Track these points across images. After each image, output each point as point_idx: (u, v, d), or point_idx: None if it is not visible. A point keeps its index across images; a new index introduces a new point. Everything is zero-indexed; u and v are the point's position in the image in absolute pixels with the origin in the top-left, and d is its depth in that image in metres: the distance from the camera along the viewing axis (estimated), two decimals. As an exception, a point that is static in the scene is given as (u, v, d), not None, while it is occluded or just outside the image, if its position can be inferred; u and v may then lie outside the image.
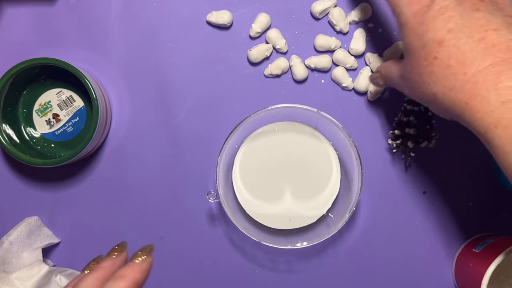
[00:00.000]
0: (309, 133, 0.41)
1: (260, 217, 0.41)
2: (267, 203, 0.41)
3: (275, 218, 0.41)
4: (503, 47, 0.27)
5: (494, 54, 0.27)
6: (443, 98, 0.29)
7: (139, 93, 0.44)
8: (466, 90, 0.28)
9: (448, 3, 0.29)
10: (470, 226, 0.44)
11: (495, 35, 0.27)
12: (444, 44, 0.28)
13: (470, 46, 0.28)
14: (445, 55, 0.28)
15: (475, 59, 0.27)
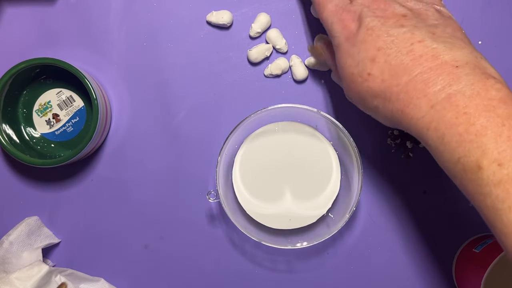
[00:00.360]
0: (309, 133, 0.41)
1: (260, 217, 0.41)
2: (267, 203, 0.41)
3: (275, 218, 0.41)
4: (429, 57, 0.30)
5: (421, 64, 0.29)
6: (383, 109, 0.32)
7: (139, 93, 0.44)
8: (400, 99, 0.30)
9: (373, 24, 0.32)
10: (470, 226, 0.44)
11: (421, 46, 0.30)
12: (376, 61, 0.31)
13: (400, 59, 0.30)
14: (378, 71, 0.31)
15: (405, 70, 0.30)
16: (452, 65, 0.29)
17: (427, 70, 0.29)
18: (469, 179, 0.27)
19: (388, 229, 0.44)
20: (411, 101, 0.30)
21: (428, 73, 0.29)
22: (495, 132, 0.27)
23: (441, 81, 0.29)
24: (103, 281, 0.43)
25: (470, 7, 0.44)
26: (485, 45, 0.44)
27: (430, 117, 0.29)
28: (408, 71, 0.30)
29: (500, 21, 0.44)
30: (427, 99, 0.29)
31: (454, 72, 0.29)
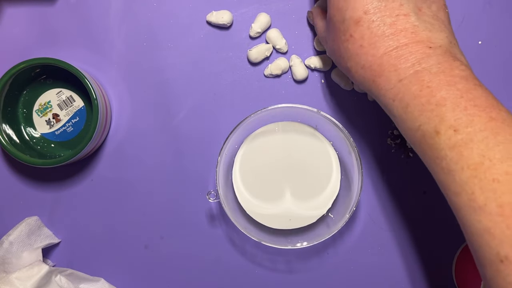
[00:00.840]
0: (309, 133, 0.41)
1: (260, 217, 0.41)
2: (267, 203, 0.41)
3: (275, 218, 0.41)
4: (408, 33, 0.31)
5: (399, 39, 0.31)
6: (355, 73, 0.33)
7: (139, 93, 0.44)
8: (373, 69, 0.32)
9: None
10: (470, 226, 0.44)
11: (404, 20, 0.31)
12: (360, 24, 0.32)
13: (382, 30, 0.31)
14: (359, 35, 0.32)
15: (383, 42, 0.31)
16: (426, 45, 0.31)
17: (403, 46, 0.31)
18: (427, 144, 0.30)
19: (388, 229, 0.44)
20: (383, 74, 0.32)
21: (403, 49, 0.31)
22: (453, 103, 0.29)
23: (412, 59, 0.31)
24: (103, 281, 0.43)
25: (470, 7, 0.44)
26: (485, 45, 0.44)
27: (397, 90, 0.31)
28: (386, 44, 0.31)
29: (500, 21, 0.44)
30: (397, 73, 0.31)
31: (426, 52, 0.31)
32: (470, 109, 0.29)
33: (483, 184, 0.27)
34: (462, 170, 0.28)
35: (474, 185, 0.27)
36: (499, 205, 0.26)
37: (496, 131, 0.28)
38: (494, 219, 0.26)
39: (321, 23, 0.39)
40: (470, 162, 0.27)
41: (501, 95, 0.44)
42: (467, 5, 0.44)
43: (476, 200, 0.27)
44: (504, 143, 0.27)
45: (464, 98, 0.29)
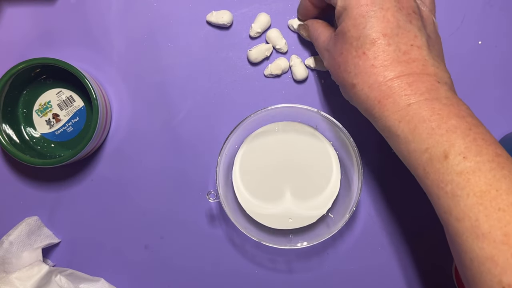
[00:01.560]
0: (309, 133, 0.41)
1: (260, 217, 0.41)
2: (267, 203, 0.41)
3: (275, 218, 0.41)
4: (420, 64, 0.32)
5: (411, 68, 0.32)
6: (360, 90, 0.33)
7: (139, 93, 0.44)
8: (381, 90, 0.32)
9: (390, 6, 0.32)
10: (470, 226, 0.44)
11: (418, 52, 0.32)
12: (376, 45, 0.32)
13: (397, 55, 0.32)
14: (373, 54, 0.32)
15: (396, 67, 0.32)
16: (435, 80, 0.32)
17: (414, 75, 0.32)
18: (434, 167, 0.30)
19: (388, 229, 0.44)
20: (391, 96, 0.32)
21: (414, 77, 0.32)
22: (463, 132, 0.30)
23: (423, 88, 0.32)
24: (103, 281, 0.43)
25: (470, 7, 0.44)
26: (485, 45, 0.44)
27: (405, 112, 0.31)
28: (399, 69, 0.32)
29: (500, 21, 0.44)
30: (407, 98, 0.31)
31: (435, 85, 0.32)
32: (479, 141, 0.30)
33: (489, 212, 0.27)
34: (468, 197, 0.28)
35: (479, 212, 0.28)
36: (504, 234, 0.27)
37: (502, 165, 0.29)
38: (498, 247, 0.27)
39: (326, 34, 0.38)
40: (476, 190, 0.28)
41: (501, 95, 0.44)
42: (467, 5, 0.44)
43: (480, 227, 0.28)
44: (510, 177, 0.28)
45: (472, 130, 0.30)
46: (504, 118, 0.44)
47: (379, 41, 0.32)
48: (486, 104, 0.44)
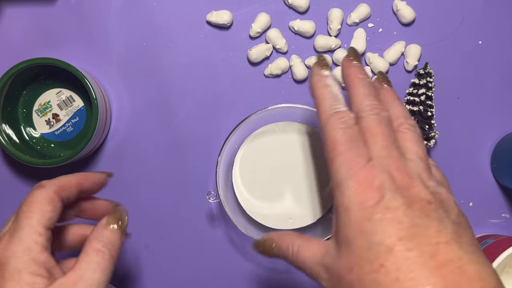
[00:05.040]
0: (309, 133, 0.41)
1: (260, 217, 0.41)
2: (267, 203, 0.41)
3: (275, 218, 0.41)
4: (454, 267, 0.25)
5: (445, 276, 0.25)
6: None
7: (139, 93, 0.44)
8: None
9: (398, 204, 0.27)
10: (470, 226, 0.44)
11: (447, 250, 0.26)
12: (394, 253, 0.25)
13: (423, 260, 0.25)
14: (394, 265, 0.25)
15: (427, 278, 0.25)
16: (481, 286, 0.25)
17: (450, 285, 0.25)
18: None
19: (388, 229, 0.44)
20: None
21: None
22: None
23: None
24: (103, 281, 0.43)
25: (470, 7, 0.44)
26: (485, 45, 0.44)
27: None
28: (431, 280, 0.24)
29: (500, 21, 0.44)
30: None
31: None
32: None
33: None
34: None
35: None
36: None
37: None
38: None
39: (312, 247, 0.31)
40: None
41: (501, 95, 0.44)
42: (467, 5, 0.44)
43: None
44: None
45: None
46: (504, 118, 0.44)
47: (397, 248, 0.25)
48: (486, 104, 0.44)
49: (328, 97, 0.31)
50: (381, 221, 0.26)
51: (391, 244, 0.26)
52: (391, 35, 0.44)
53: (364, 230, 0.27)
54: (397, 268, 0.25)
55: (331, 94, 0.32)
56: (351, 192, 0.27)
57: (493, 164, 0.44)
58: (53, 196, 0.31)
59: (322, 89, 0.32)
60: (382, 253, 0.26)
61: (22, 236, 0.29)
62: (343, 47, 0.44)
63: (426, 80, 0.42)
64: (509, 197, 0.44)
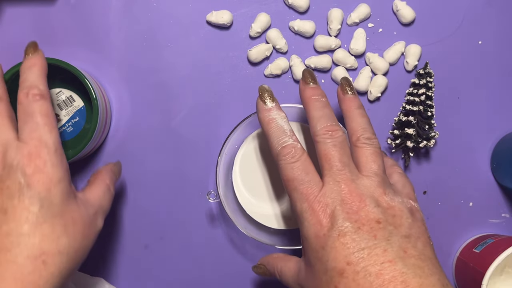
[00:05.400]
0: (309, 133, 0.41)
1: (260, 217, 0.41)
2: (267, 203, 0.41)
3: (276, 218, 0.41)
4: (398, 283, 0.28)
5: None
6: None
7: (139, 93, 0.44)
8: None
9: (346, 229, 0.29)
10: (470, 226, 0.44)
11: (391, 268, 0.28)
12: (345, 276, 0.29)
13: (369, 281, 0.28)
14: (344, 287, 0.29)
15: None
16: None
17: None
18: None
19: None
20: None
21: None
22: None
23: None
24: (103, 281, 0.43)
25: (470, 7, 0.44)
26: (485, 45, 0.44)
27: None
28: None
29: (500, 21, 0.44)
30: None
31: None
32: None
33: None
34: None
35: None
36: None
37: None
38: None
39: (290, 267, 0.35)
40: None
41: (501, 95, 0.44)
42: (467, 5, 0.44)
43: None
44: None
45: None
46: (504, 118, 0.44)
47: (346, 272, 0.29)
48: (486, 104, 0.44)
49: (274, 132, 0.34)
50: (332, 248, 0.29)
51: (341, 269, 0.29)
52: (391, 35, 0.44)
53: (320, 257, 0.30)
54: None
55: (276, 128, 0.34)
56: (307, 224, 0.31)
57: (493, 164, 0.44)
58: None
59: (268, 125, 0.34)
60: (335, 277, 0.29)
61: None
62: (343, 47, 0.44)
63: (426, 80, 0.42)
64: (509, 197, 0.44)
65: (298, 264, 0.34)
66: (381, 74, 0.43)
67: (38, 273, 0.30)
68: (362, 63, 0.44)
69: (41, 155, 0.31)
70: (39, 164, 0.31)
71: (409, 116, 0.42)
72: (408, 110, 0.42)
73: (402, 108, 0.43)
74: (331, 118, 0.34)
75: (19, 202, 0.30)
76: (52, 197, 0.31)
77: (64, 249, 0.31)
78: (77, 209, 0.33)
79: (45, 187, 0.31)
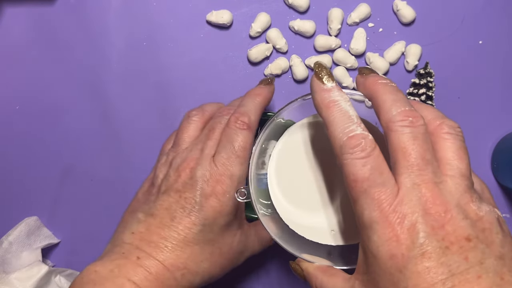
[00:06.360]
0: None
1: (296, 226, 0.33)
2: (307, 211, 0.33)
3: (314, 228, 0.32)
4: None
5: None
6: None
7: (139, 93, 0.44)
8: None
9: (432, 250, 0.23)
10: (470, 226, 0.44)
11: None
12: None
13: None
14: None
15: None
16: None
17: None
18: None
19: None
20: None
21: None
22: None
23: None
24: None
25: (470, 7, 0.44)
26: (485, 45, 0.44)
27: None
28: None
29: (500, 21, 0.44)
30: None
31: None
32: None
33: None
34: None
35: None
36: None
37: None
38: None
39: (336, 284, 0.29)
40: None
41: (501, 95, 0.44)
42: (467, 5, 0.44)
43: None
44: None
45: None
46: (504, 118, 0.44)
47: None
48: (486, 104, 0.44)
49: (337, 118, 0.27)
50: (414, 273, 0.23)
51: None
52: (391, 35, 0.44)
53: (396, 282, 0.24)
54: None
55: (340, 113, 0.27)
56: (379, 239, 0.24)
57: (494, 164, 0.44)
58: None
59: (329, 109, 0.27)
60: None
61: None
62: (344, 47, 0.44)
63: (426, 80, 0.42)
64: (509, 197, 0.44)
65: (350, 283, 0.28)
66: (382, 74, 0.43)
67: (174, 282, 0.33)
68: (362, 63, 0.44)
69: (223, 184, 0.33)
70: (218, 192, 0.33)
71: (409, 116, 0.42)
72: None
73: (402, 108, 0.43)
74: (409, 102, 0.27)
75: (187, 216, 0.33)
76: (214, 226, 0.34)
77: (202, 272, 0.34)
78: (229, 243, 0.35)
79: (213, 216, 0.33)
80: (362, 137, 0.26)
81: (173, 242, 0.33)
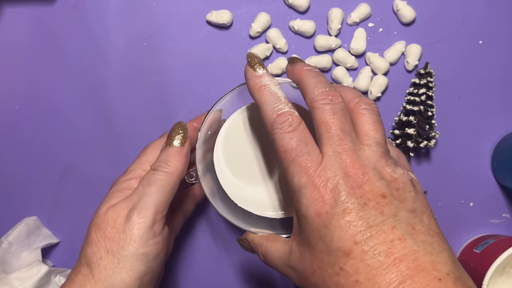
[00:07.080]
0: (303, 115, 0.33)
1: (243, 202, 0.36)
2: (253, 185, 0.36)
3: (261, 203, 0.36)
4: (409, 261, 0.26)
5: (402, 271, 0.26)
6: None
7: (139, 93, 0.44)
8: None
9: (351, 205, 0.27)
10: (470, 226, 0.44)
11: (401, 246, 0.26)
12: (352, 256, 0.26)
13: (378, 261, 0.26)
14: (352, 268, 0.26)
15: (383, 276, 0.26)
16: (434, 276, 0.26)
17: (407, 280, 0.25)
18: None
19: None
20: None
21: (408, 284, 0.25)
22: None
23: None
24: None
25: (470, 7, 0.44)
26: (485, 45, 0.44)
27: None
28: (387, 278, 0.26)
29: (500, 21, 0.44)
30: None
31: (436, 286, 0.26)
32: None
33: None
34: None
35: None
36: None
37: None
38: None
39: (279, 248, 0.32)
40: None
41: (501, 94, 0.44)
42: (467, 5, 0.44)
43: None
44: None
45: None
46: (504, 118, 0.44)
47: (353, 252, 0.26)
48: (486, 104, 0.44)
49: (267, 99, 0.31)
50: (337, 227, 0.27)
51: (348, 249, 0.26)
52: (391, 34, 0.44)
53: (322, 236, 0.27)
54: (355, 271, 0.26)
55: (269, 95, 0.31)
56: (307, 200, 0.28)
57: (494, 164, 0.44)
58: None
59: (260, 92, 0.31)
60: (340, 257, 0.27)
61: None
62: (344, 46, 0.44)
63: (426, 80, 0.42)
64: (509, 197, 0.44)
65: (288, 245, 0.31)
66: (382, 74, 0.43)
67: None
68: (363, 63, 0.44)
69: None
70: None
71: (409, 116, 0.42)
72: (408, 110, 0.42)
73: (403, 108, 0.43)
74: (329, 84, 0.30)
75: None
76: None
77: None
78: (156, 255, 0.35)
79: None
80: (289, 114, 0.29)
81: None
